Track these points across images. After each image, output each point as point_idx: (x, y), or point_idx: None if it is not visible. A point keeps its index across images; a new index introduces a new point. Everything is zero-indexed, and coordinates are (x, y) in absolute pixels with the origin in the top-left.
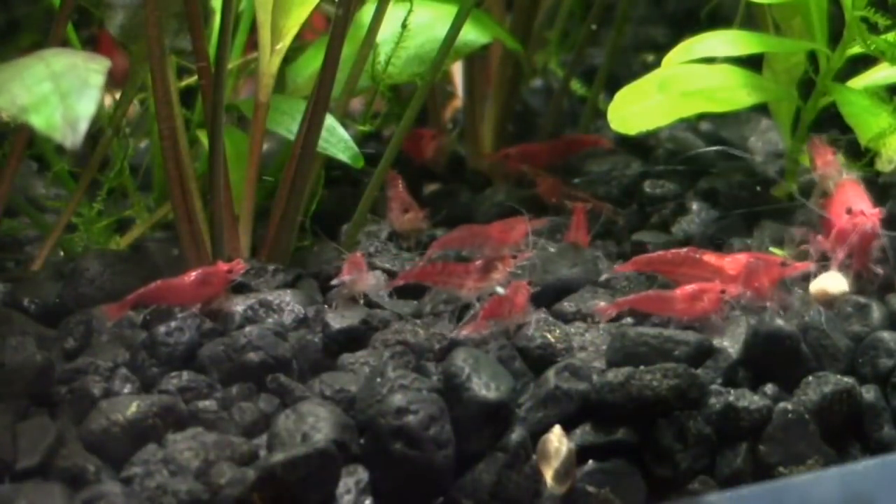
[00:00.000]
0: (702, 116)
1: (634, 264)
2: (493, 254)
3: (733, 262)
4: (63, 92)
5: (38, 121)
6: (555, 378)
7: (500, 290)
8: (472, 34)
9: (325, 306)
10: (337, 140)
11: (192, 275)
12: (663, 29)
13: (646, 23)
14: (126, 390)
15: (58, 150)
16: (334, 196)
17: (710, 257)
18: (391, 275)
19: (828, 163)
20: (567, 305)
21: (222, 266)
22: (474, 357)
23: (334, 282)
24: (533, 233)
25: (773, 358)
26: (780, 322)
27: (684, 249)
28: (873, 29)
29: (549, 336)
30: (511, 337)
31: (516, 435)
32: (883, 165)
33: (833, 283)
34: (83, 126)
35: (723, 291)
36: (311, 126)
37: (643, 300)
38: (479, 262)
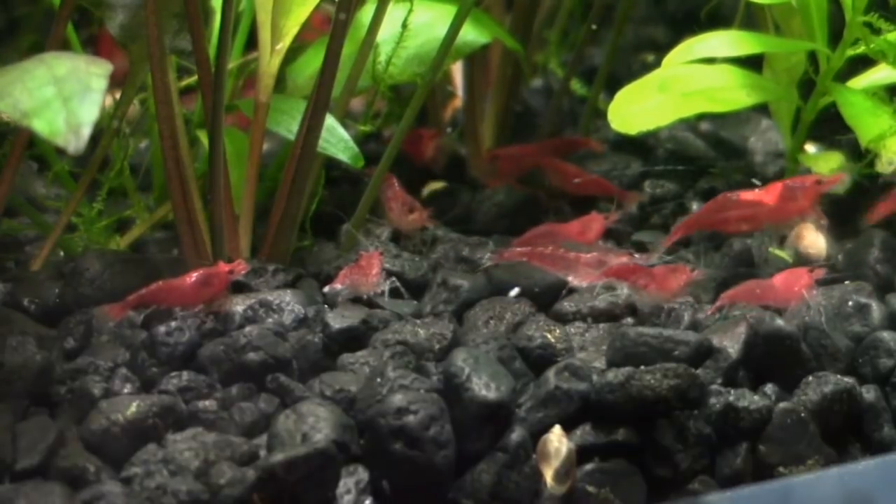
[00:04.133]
0: (702, 116)
1: (686, 227)
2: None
3: (770, 191)
4: (66, 96)
5: (41, 126)
6: (555, 378)
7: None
8: (471, 34)
9: (325, 306)
10: (337, 140)
11: (193, 276)
12: (663, 29)
13: (646, 23)
14: (126, 390)
15: (58, 150)
16: (334, 196)
17: (746, 194)
18: (391, 275)
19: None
20: (567, 305)
21: (223, 266)
22: (474, 357)
23: (326, 288)
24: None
25: (773, 358)
26: (780, 322)
27: (719, 196)
28: (874, 29)
29: (549, 336)
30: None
31: (516, 435)
32: (883, 167)
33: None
34: (86, 132)
35: (811, 271)
36: (311, 126)
37: (744, 292)
38: (591, 254)
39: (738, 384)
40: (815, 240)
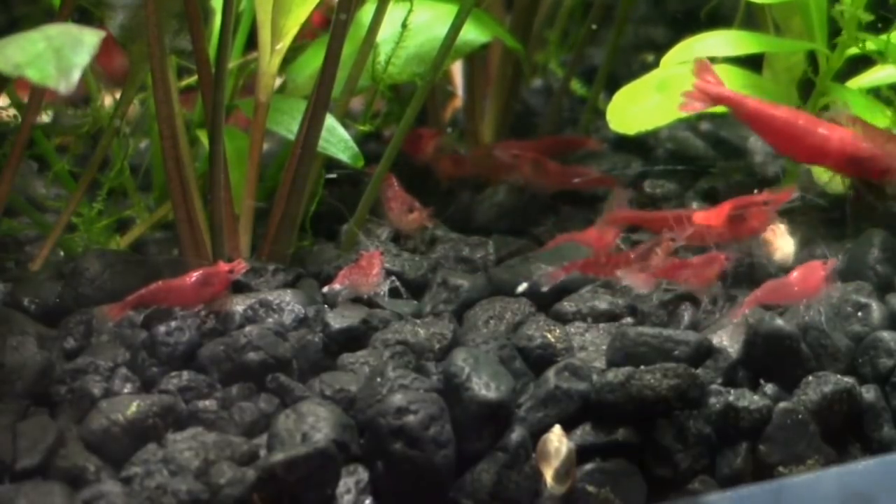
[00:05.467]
0: (702, 116)
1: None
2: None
3: (718, 212)
4: (56, 47)
5: (32, 74)
6: (555, 378)
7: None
8: (472, 34)
9: (325, 306)
10: (337, 140)
11: (193, 276)
12: (663, 29)
13: (646, 23)
14: (126, 390)
15: (58, 149)
16: (334, 196)
17: (698, 216)
18: (391, 275)
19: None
20: (567, 305)
21: (223, 266)
22: (474, 357)
23: (325, 288)
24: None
25: (773, 358)
26: (780, 322)
27: (669, 212)
28: (873, 29)
29: (549, 336)
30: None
31: (516, 435)
32: None
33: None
34: (76, 74)
35: (825, 263)
36: (311, 126)
37: (766, 292)
38: (639, 249)
39: (738, 384)
40: (781, 244)
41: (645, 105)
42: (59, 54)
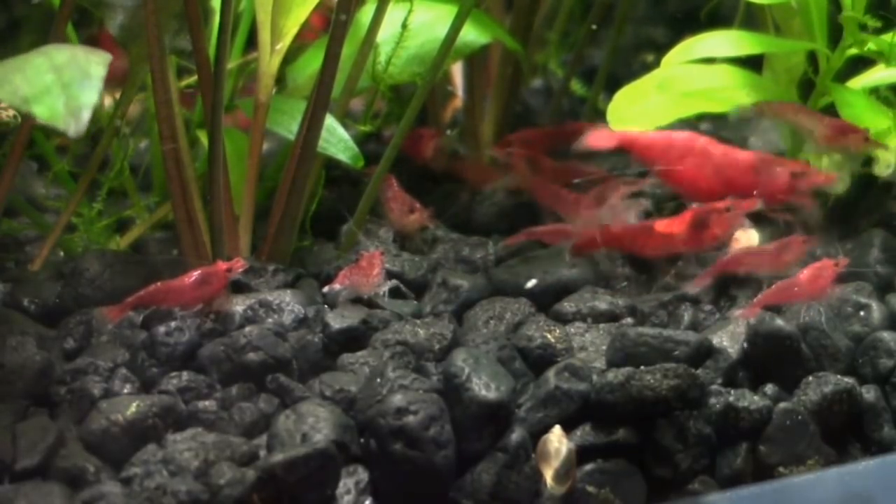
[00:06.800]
0: (702, 116)
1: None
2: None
3: (680, 220)
4: (65, 82)
5: (40, 111)
6: (555, 378)
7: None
8: (472, 34)
9: (325, 306)
10: (337, 140)
11: (192, 276)
12: (663, 29)
13: (646, 23)
14: (126, 390)
15: (58, 149)
16: (334, 196)
17: (660, 224)
18: (391, 275)
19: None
20: (567, 305)
21: (221, 265)
22: (474, 357)
23: (325, 288)
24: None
25: (773, 358)
26: (780, 322)
27: (636, 224)
28: (872, 30)
29: (549, 336)
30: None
31: (516, 435)
32: (880, 169)
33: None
34: (86, 115)
35: (836, 264)
36: (311, 126)
37: (775, 294)
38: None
39: (738, 384)
40: (745, 240)
41: (645, 105)
42: (68, 91)
